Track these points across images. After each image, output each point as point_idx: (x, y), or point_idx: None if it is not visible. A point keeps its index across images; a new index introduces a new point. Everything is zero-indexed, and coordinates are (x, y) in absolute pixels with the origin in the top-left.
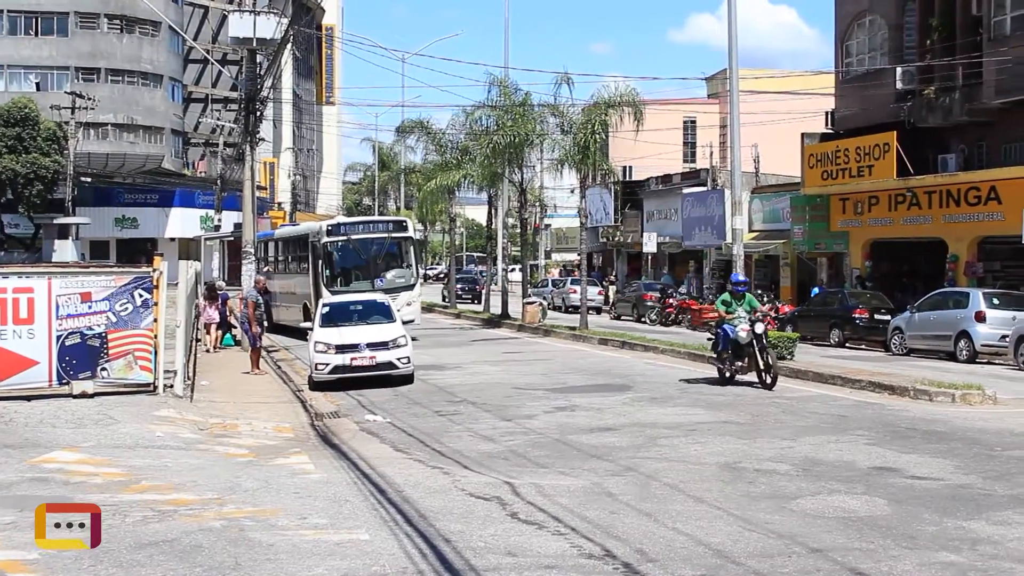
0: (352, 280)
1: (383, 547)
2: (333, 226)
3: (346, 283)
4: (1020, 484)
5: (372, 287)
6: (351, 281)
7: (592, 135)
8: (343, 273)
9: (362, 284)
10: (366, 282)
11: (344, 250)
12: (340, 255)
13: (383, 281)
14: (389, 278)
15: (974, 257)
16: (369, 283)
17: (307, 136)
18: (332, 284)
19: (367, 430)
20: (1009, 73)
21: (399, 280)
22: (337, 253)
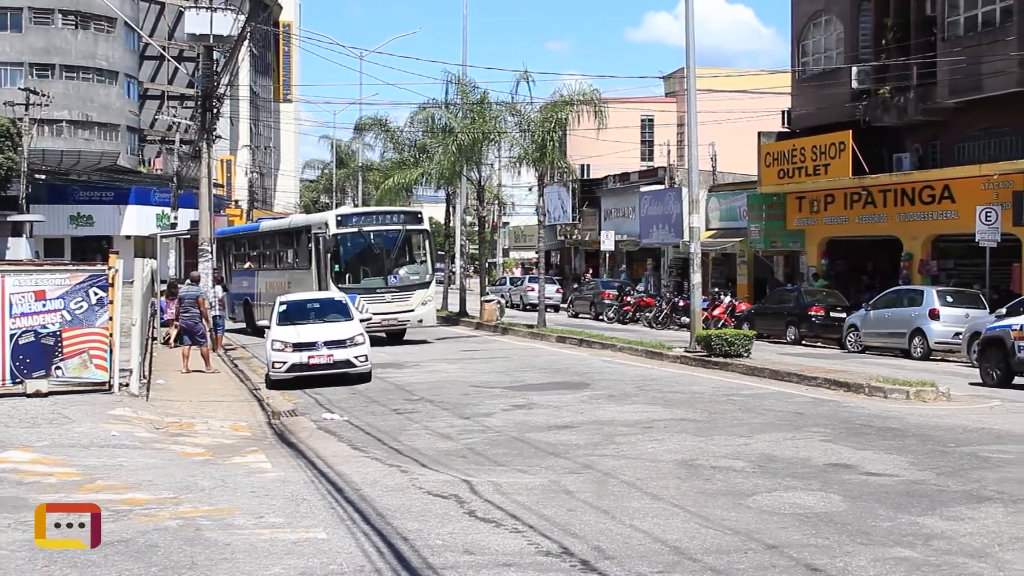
0: (362, 276)
1: (340, 546)
2: (343, 216)
3: (355, 279)
4: (973, 480)
5: (385, 284)
6: (361, 277)
7: (550, 133)
8: (352, 268)
9: (373, 281)
10: (378, 279)
11: (354, 243)
12: (350, 249)
13: (396, 278)
14: (402, 275)
15: (928, 255)
16: (381, 280)
17: (264, 133)
18: (340, 280)
19: (324, 428)
20: (962, 73)
21: (413, 277)
22: (346, 246)
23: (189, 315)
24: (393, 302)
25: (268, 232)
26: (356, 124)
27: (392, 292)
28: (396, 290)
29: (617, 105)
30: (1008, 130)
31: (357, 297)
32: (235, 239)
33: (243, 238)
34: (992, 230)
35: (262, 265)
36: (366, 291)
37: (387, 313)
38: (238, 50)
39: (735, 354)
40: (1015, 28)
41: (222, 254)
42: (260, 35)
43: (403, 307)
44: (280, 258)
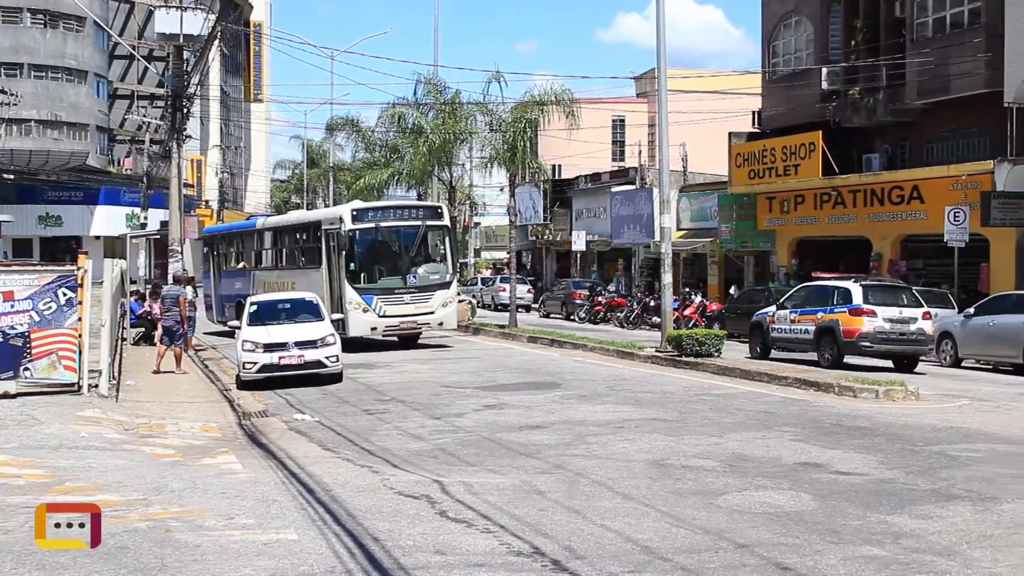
0: (379, 276)
1: (311, 546)
2: (359, 211)
3: (372, 279)
4: (941, 478)
5: (403, 284)
6: (378, 277)
7: (521, 134)
8: (368, 267)
9: (391, 281)
10: (396, 278)
11: (370, 240)
12: (365, 246)
13: (415, 277)
14: (422, 274)
15: (898, 255)
16: (399, 279)
17: (235, 133)
18: (355, 280)
19: (295, 429)
20: (931, 74)
21: (433, 276)
22: (362, 243)
23: (171, 314)
24: (412, 303)
25: (268, 229)
26: (327, 124)
27: (411, 293)
28: (415, 291)
29: (588, 105)
30: (976, 131)
31: (373, 298)
32: (226, 237)
33: (236, 236)
34: (960, 230)
35: (259, 265)
36: (383, 292)
37: (405, 316)
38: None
39: (706, 354)
40: (983, 30)
41: (211, 253)
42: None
43: (423, 309)
44: (282, 257)
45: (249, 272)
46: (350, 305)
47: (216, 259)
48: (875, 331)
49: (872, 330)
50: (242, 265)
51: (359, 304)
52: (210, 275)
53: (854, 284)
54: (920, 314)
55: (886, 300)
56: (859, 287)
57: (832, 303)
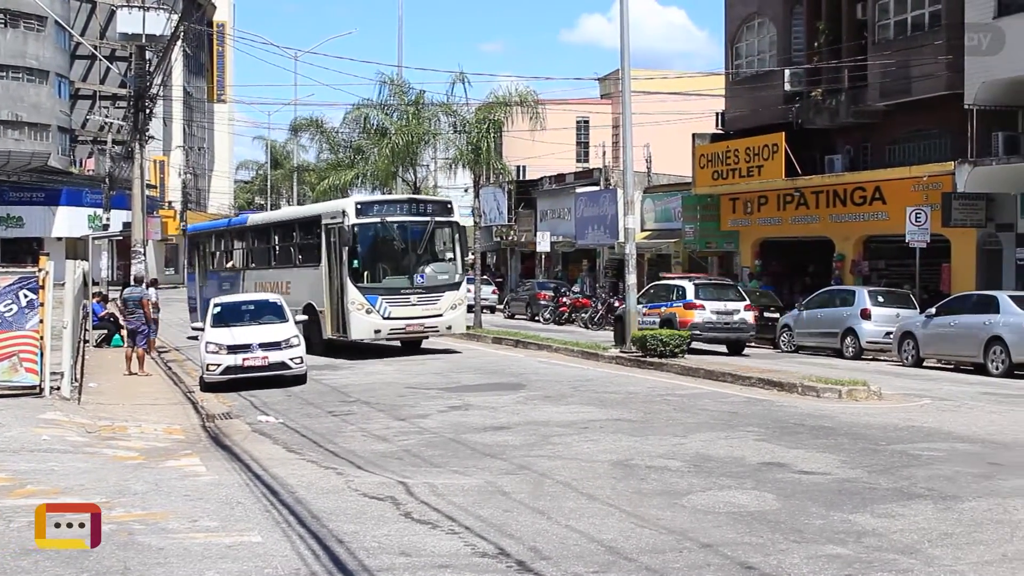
0: (384, 275)
1: (275, 549)
2: (364, 204)
3: (376, 278)
4: (903, 477)
5: (410, 284)
6: (383, 276)
7: (485, 134)
8: (372, 266)
9: (397, 280)
10: (402, 278)
11: (375, 236)
12: (370, 242)
13: (423, 277)
14: (430, 273)
15: (860, 256)
16: (406, 279)
17: (198, 134)
18: (358, 279)
19: (259, 431)
20: (892, 76)
21: (442, 276)
22: (366, 240)
23: (136, 316)
24: (419, 305)
25: (260, 226)
26: (291, 125)
27: (418, 294)
28: (423, 291)
29: (553, 106)
30: (937, 132)
31: (378, 299)
32: (213, 235)
33: (225, 234)
34: (922, 231)
35: (251, 264)
36: (388, 292)
37: (412, 318)
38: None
39: (670, 354)
40: (943, 33)
41: (196, 253)
42: (193, 35)
43: (430, 311)
44: (277, 255)
45: (239, 272)
46: (352, 306)
47: (202, 259)
48: (704, 321)
49: (702, 320)
50: (231, 265)
51: (362, 305)
52: (195, 276)
53: (688, 283)
54: (742, 307)
55: (714, 296)
56: (692, 285)
57: (672, 299)
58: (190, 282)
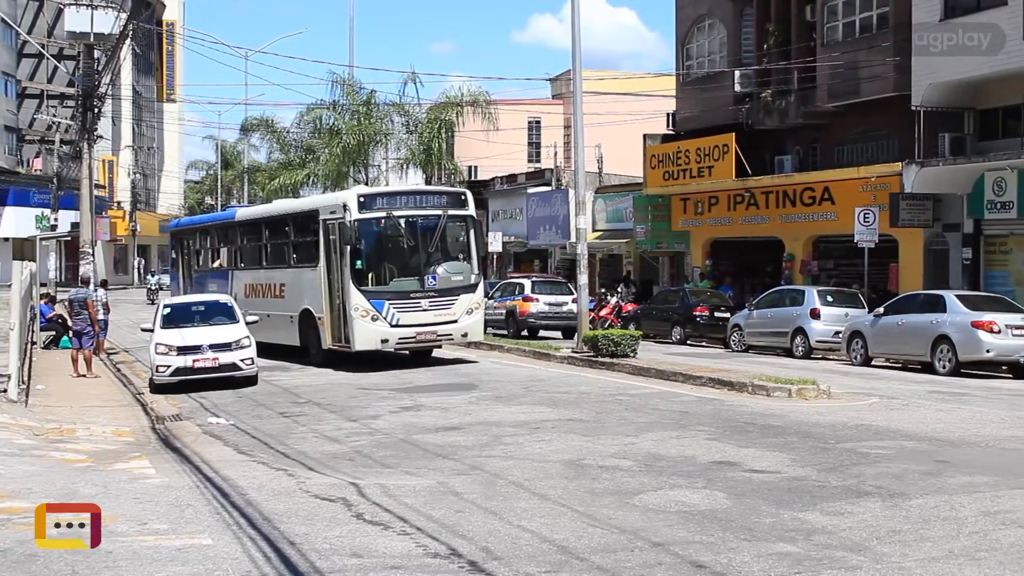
0: (391, 277)
1: (226, 551)
2: (367, 197)
3: (382, 280)
4: (852, 475)
5: (420, 287)
6: (390, 278)
7: (437, 134)
8: (378, 266)
9: (406, 282)
10: (412, 279)
11: (381, 232)
12: (375, 240)
13: (435, 279)
14: (442, 274)
15: (809, 256)
16: (416, 280)
17: (147, 134)
18: (362, 281)
19: (210, 433)
20: (841, 77)
21: (456, 277)
22: (371, 236)
23: (81, 317)
24: (431, 310)
25: (251, 221)
26: (242, 125)
27: (430, 297)
28: (435, 295)
29: (504, 107)
30: (885, 133)
31: (385, 303)
32: (198, 232)
33: (211, 230)
34: (870, 231)
35: (240, 263)
36: (396, 296)
37: (423, 325)
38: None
39: (621, 354)
40: (891, 35)
41: (179, 251)
42: (143, 33)
43: (444, 317)
44: (269, 254)
45: (227, 272)
46: (356, 312)
47: (186, 257)
48: (538, 312)
49: (536, 311)
50: (218, 264)
51: (367, 311)
52: (178, 276)
53: (527, 280)
54: (570, 300)
55: (547, 291)
56: (529, 282)
57: (515, 293)
58: (173, 283)
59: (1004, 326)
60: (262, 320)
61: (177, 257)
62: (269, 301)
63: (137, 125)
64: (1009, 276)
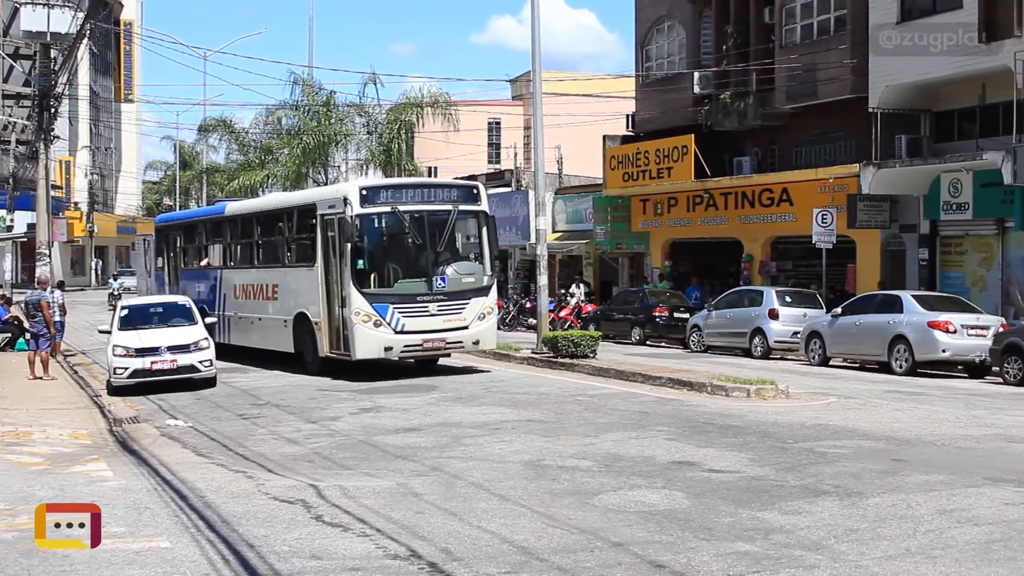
0: (396, 278)
1: (184, 554)
2: (370, 190)
3: (386, 282)
4: (810, 475)
5: (428, 289)
6: (395, 279)
7: (397, 135)
8: (382, 266)
9: (412, 284)
10: (419, 281)
11: (386, 229)
12: (379, 237)
13: (444, 281)
14: (452, 275)
15: (768, 256)
16: (423, 282)
17: (105, 134)
18: (363, 283)
19: (168, 435)
20: (799, 79)
21: (468, 279)
22: (374, 234)
23: (37, 320)
24: (440, 315)
25: (242, 216)
26: (200, 125)
27: (439, 301)
28: (444, 298)
29: (464, 108)
30: (842, 135)
31: (389, 307)
32: (185, 228)
33: (198, 226)
34: (828, 232)
35: (230, 262)
36: (401, 299)
37: (431, 331)
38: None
39: (581, 355)
40: (848, 37)
41: (165, 249)
42: (100, 33)
43: (454, 323)
44: (261, 252)
45: (215, 272)
46: (357, 317)
47: (172, 256)
48: None
49: None
50: (205, 263)
51: (369, 315)
52: (163, 276)
53: None
54: None
55: None
56: None
57: None
58: (158, 283)
59: (960, 326)
60: (253, 324)
61: (161, 255)
62: (261, 303)
63: (94, 125)
64: (965, 277)
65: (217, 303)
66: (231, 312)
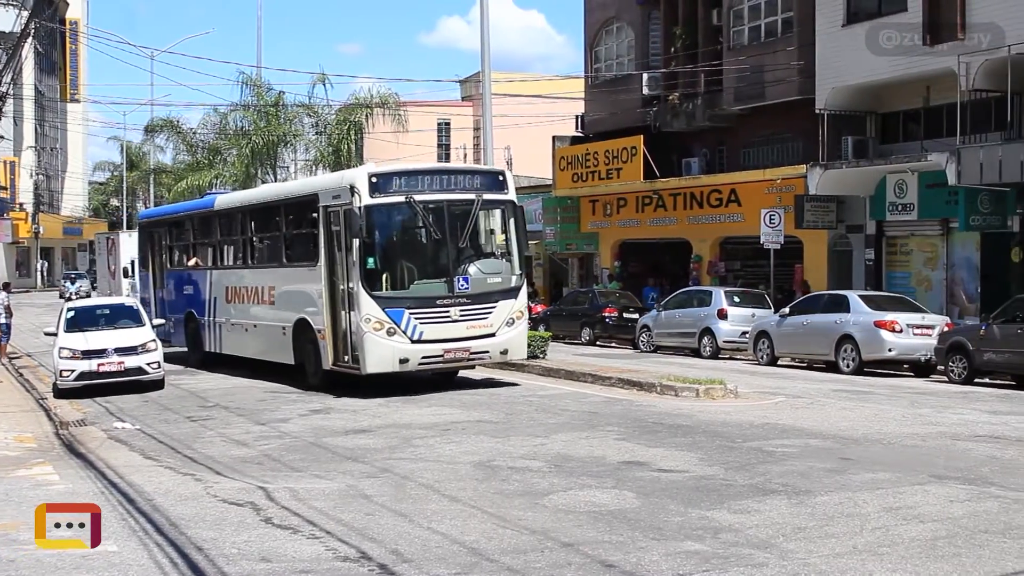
0: (411, 278)
1: (132, 558)
2: (381, 177)
3: (400, 283)
4: (759, 474)
5: (449, 291)
6: (410, 280)
7: (346, 136)
8: (395, 265)
9: (430, 286)
10: (438, 282)
11: (399, 223)
12: (391, 232)
13: (467, 281)
14: (476, 275)
15: (717, 257)
16: (443, 284)
17: (51, 135)
18: (374, 284)
19: (115, 438)
20: (747, 81)
21: (494, 279)
22: (386, 228)
23: None
24: (463, 321)
25: (233, 210)
26: (147, 126)
27: (462, 305)
28: (468, 301)
29: (414, 108)
30: (790, 136)
31: (404, 313)
32: (171, 224)
33: (185, 222)
34: (776, 232)
35: (219, 262)
36: (419, 303)
37: (453, 340)
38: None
39: (531, 355)
40: (795, 39)
41: (150, 246)
42: (45, 32)
43: (479, 329)
44: (256, 250)
45: (204, 273)
46: (367, 324)
47: (158, 254)
48: None
49: None
50: (194, 262)
51: (381, 322)
52: (148, 277)
53: None
54: None
55: None
56: None
57: None
58: (143, 285)
59: (906, 325)
60: (248, 331)
61: (146, 254)
62: (256, 308)
63: (40, 125)
64: (910, 276)
65: (207, 308)
66: (222, 318)
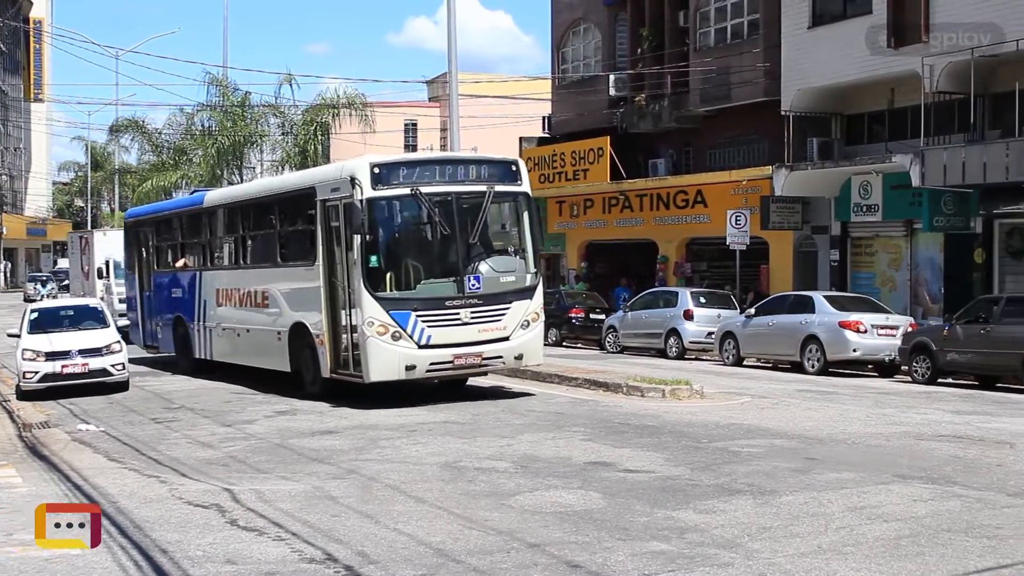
0: (418, 278)
1: (95, 560)
2: (385, 168)
3: (406, 283)
4: (724, 474)
5: (459, 291)
6: (417, 279)
7: (313, 136)
8: (400, 264)
9: (439, 286)
10: (447, 282)
11: (405, 217)
12: (396, 228)
13: (478, 281)
14: (488, 274)
15: (683, 258)
16: (453, 283)
17: (14, 134)
18: (378, 284)
19: (79, 440)
20: (713, 82)
21: (507, 278)
22: (390, 223)
23: None
24: (474, 323)
25: (223, 207)
26: (112, 126)
27: (473, 306)
28: (479, 302)
29: (381, 109)
30: (756, 137)
31: (410, 315)
32: (158, 223)
33: (173, 221)
34: (741, 233)
35: (211, 262)
36: (426, 304)
37: (464, 344)
38: None
39: None
40: (761, 40)
41: (137, 246)
42: (9, 31)
43: (491, 333)
44: (248, 250)
45: (193, 274)
46: (370, 328)
47: (145, 255)
48: None
49: None
50: (183, 263)
51: (386, 326)
52: (135, 279)
53: None
54: None
55: None
56: None
57: None
58: (130, 286)
59: (870, 326)
60: (240, 336)
61: (133, 254)
62: (248, 312)
63: (3, 125)
64: (875, 277)
65: (196, 311)
66: (213, 322)
